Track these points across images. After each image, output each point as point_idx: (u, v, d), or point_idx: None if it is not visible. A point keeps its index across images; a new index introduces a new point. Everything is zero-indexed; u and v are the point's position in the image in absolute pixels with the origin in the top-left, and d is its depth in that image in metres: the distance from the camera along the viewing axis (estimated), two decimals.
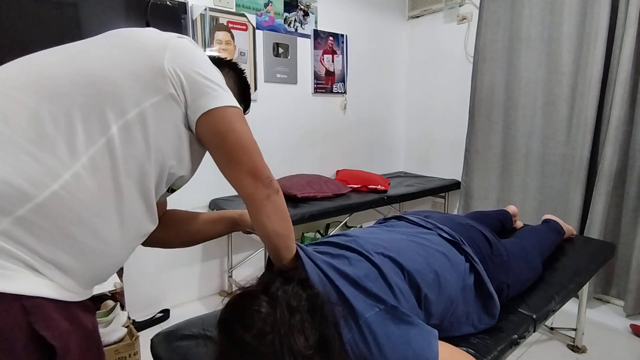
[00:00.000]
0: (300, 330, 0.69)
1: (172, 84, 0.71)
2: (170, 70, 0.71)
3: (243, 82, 0.96)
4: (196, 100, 0.73)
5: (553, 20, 2.31)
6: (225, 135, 0.75)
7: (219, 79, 0.76)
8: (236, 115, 0.76)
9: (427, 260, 0.97)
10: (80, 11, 1.79)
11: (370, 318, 0.77)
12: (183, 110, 0.74)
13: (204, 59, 0.77)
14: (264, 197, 0.77)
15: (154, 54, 0.71)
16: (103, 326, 1.65)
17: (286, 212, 0.82)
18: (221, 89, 0.75)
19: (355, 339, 0.76)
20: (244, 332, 0.69)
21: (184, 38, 0.77)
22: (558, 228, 1.71)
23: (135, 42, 0.73)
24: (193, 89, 0.72)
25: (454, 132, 3.05)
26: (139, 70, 0.69)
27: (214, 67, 0.78)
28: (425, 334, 0.79)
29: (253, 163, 0.77)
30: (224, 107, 0.74)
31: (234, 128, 0.75)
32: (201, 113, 0.73)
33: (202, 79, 0.73)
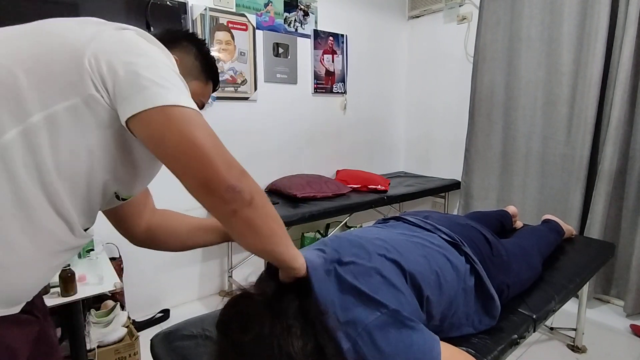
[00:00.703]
0: (299, 336, 0.69)
1: (92, 81, 0.57)
2: (91, 64, 0.57)
3: (205, 55, 0.84)
4: (122, 101, 0.58)
5: (553, 20, 2.31)
6: (160, 141, 0.58)
7: (159, 74, 0.59)
8: (176, 116, 0.58)
9: (428, 261, 0.97)
10: (80, 11, 1.79)
11: (371, 324, 0.76)
12: (110, 111, 0.60)
13: (144, 52, 0.61)
14: (227, 214, 0.62)
15: (74, 47, 0.57)
16: (103, 326, 1.65)
17: (266, 225, 0.66)
18: (157, 86, 0.58)
19: (355, 347, 0.75)
20: (243, 335, 0.69)
21: (127, 29, 0.63)
22: (558, 228, 1.71)
23: (55, 32, 0.60)
24: (118, 86, 0.58)
25: (454, 132, 3.05)
26: (49, 66, 0.57)
27: (160, 62, 0.62)
28: (427, 339, 0.78)
29: (203, 172, 0.58)
30: (158, 107, 0.57)
31: (172, 131, 0.57)
32: (128, 116, 0.57)
33: (130, 74, 0.57)
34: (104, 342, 1.61)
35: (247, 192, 0.61)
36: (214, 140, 0.60)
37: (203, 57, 0.83)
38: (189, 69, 0.81)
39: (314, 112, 2.80)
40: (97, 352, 1.57)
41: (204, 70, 0.84)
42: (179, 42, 0.81)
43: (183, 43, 0.81)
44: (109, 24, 0.63)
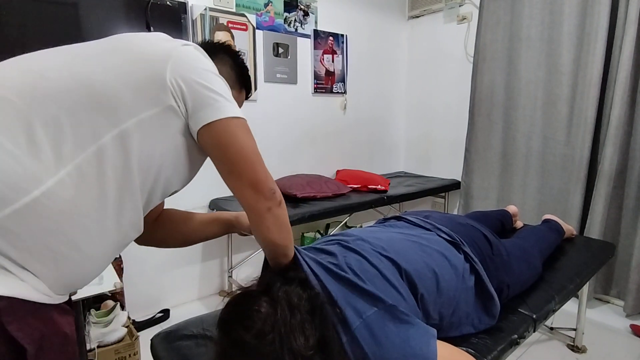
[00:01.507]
0: (301, 331, 0.69)
1: (172, 95, 0.69)
2: (172, 82, 0.69)
3: (240, 66, 0.94)
4: (197, 112, 0.71)
5: (553, 20, 2.31)
6: (226, 148, 0.74)
7: (222, 89, 0.74)
8: (238, 126, 0.74)
9: (425, 260, 0.97)
10: (80, 11, 1.79)
11: (368, 318, 0.77)
12: (184, 121, 0.72)
13: (208, 68, 0.75)
14: (265, 209, 0.76)
15: (156, 64, 0.69)
16: (103, 326, 1.65)
17: (287, 223, 0.81)
18: (224, 99, 0.73)
19: (353, 340, 0.76)
20: (244, 332, 0.69)
21: (189, 46, 0.75)
22: (558, 228, 1.71)
23: (138, 50, 0.71)
24: (194, 100, 0.71)
25: (454, 132, 3.05)
26: (139, 80, 0.68)
27: (218, 77, 0.76)
28: (423, 334, 0.79)
29: (255, 175, 0.75)
30: (225, 118, 0.72)
31: (236, 140, 0.73)
32: (201, 125, 0.71)
33: (204, 89, 0.71)
34: (104, 342, 1.61)
35: (279, 195, 0.78)
36: (257, 149, 0.77)
37: (238, 68, 0.93)
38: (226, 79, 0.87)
39: (314, 112, 2.80)
40: (97, 352, 1.57)
41: (239, 79, 0.93)
42: (217, 53, 0.89)
43: (220, 55, 0.90)
44: (176, 41, 0.75)
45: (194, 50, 0.75)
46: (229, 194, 2.39)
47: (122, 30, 1.90)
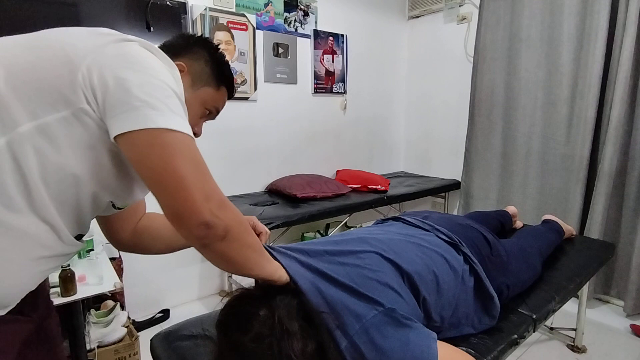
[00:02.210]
0: (298, 337, 0.69)
1: (84, 95, 0.57)
2: (84, 78, 0.56)
3: (217, 60, 0.82)
4: (111, 117, 0.57)
5: (553, 20, 2.31)
6: (140, 165, 0.58)
7: (157, 92, 0.58)
8: (165, 141, 0.57)
9: (425, 262, 0.97)
10: (80, 11, 1.79)
11: (367, 322, 0.76)
12: (102, 126, 0.59)
13: (146, 67, 0.60)
14: (199, 245, 0.62)
15: (71, 60, 0.57)
16: (103, 326, 1.65)
17: (238, 254, 0.67)
18: (146, 107, 0.56)
19: (352, 345, 0.75)
20: (242, 335, 0.69)
21: (130, 42, 0.62)
22: (558, 228, 1.71)
23: (58, 46, 0.59)
24: (108, 103, 0.57)
25: (454, 132, 3.05)
26: (44, 79, 0.56)
27: (159, 80, 0.60)
28: (424, 337, 0.78)
29: (177, 205, 0.58)
30: (147, 130, 0.56)
31: (152, 157, 0.57)
32: (114, 134, 0.57)
33: (123, 91, 0.56)
34: (104, 342, 1.61)
35: (221, 228, 0.61)
36: (196, 170, 0.59)
37: (214, 63, 0.82)
38: (199, 75, 0.80)
39: (314, 112, 2.80)
40: (97, 352, 1.57)
41: (216, 75, 0.82)
42: (190, 47, 0.81)
43: (194, 49, 0.81)
44: (115, 36, 0.62)
45: (135, 46, 0.62)
46: (230, 193, 2.40)
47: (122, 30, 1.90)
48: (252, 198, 2.37)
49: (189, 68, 0.78)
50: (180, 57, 0.78)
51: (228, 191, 2.41)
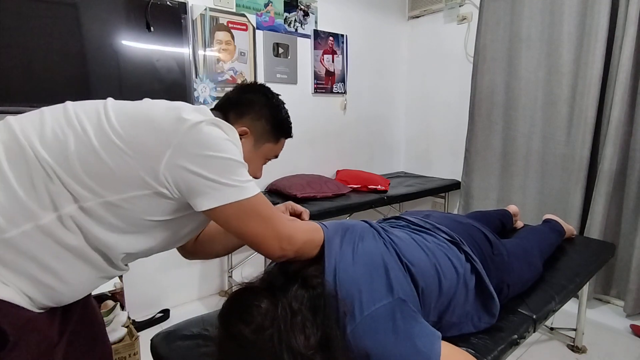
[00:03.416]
0: (301, 330, 0.69)
1: (166, 187, 0.71)
2: (165, 175, 0.70)
3: (276, 116, 0.95)
4: (192, 199, 0.73)
5: (553, 20, 2.31)
6: (231, 230, 0.77)
7: (224, 170, 0.72)
8: (239, 211, 0.74)
9: (429, 258, 0.97)
10: (80, 11, 1.79)
11: (377, 310, 0.77)
12: (178, 201, 0.74)
13: (216, 147, 0.72)
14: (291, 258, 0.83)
15: (153, 154, 0.70)
16: None
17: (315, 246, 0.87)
18: (222, 187, 0.72)
19: (359, 330, 0.75)
20: (243, 326, 0.70)
21: (201, 123, 0.72)
22: (559, 228, 1.71)
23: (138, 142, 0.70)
24: (188, 188, 0.72)
25: (454, 132, 3.05)
26: (131, 168, 0.69)
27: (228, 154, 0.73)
28: (428, 333, 0.79)
29: (260, 250, 0.79)
30: (221, 206, 0.73)
31: (237, 225, 0.76)
32: (199, 210, 0.73)
33: (199, 177, 0.71)
34: None
35: (292, 253, 0.82)
36: (266, 222, 0.77)
37: (275, 119, 0.94)
38: (260, 134, 0.92)
39: (314, 112, 2.80)
40: None
41: (275, 131, 0.95)
42: (252, 106, 0.91)
43: (256, 107, 0.92)
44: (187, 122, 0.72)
45: (204, 129, 0.73)
46: None
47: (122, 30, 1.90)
48: None
49: (252, 129, 0.90)
50: (245, 117, 0.91)
51: None
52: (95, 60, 1.82)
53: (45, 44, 1.69)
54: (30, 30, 1.66)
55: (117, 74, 1.89)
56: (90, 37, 1.81)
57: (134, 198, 0.70)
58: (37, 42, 1.67)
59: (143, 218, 0.73)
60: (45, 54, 1.69)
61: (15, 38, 1.64)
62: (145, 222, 0.74)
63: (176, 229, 0.81)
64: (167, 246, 0.85)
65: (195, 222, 0.84)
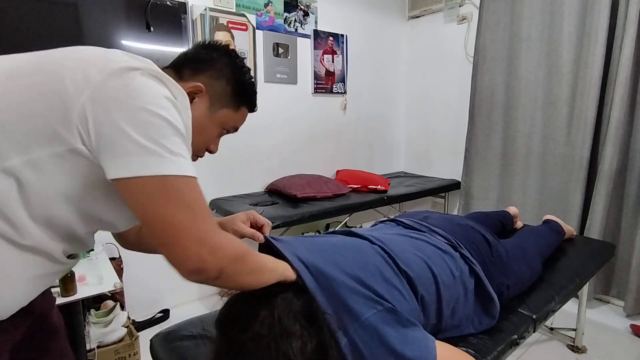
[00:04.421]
0: (298, 337, 0.68)
1: (79, 135, 0.55)
2: (81, 117, 0.55)
3: (239, 78, 0.79)
4: (105, 161, 0.56)
5: (553, 20, 2.31)
6: (135, 209, 0.58)
7: (150, 133, 0.56)
8: (154, 186, 0.56)
9: (425, 261, 0.96)
10: (80, 11, 1.79)
11: (367, 320, 0.76)
12: (96, 163, 0.57)
13: (146, 100, 0.57)
14: (208, 279, 0.62)
15: (68, 92, 0.55)
16: (103, 326, 1.65)
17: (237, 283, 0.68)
18: (143, 151, 0.55)
19: (352, 343, 0.75)
20: (240, 334, 0.69)
21: (137, 70, 0.58)
22: (558, 229, 1.71)
23: (58, 72, 0.57)
24: (102, 145, 0.55)
25: (454, 132, 3.05)
26: (41, 112, 0.55)
27: (160, 111, 0.57)
28: (422, 338, 0.78)
29: (169, 251, 0.59)
30: (138, 177, 0.55)
31: (146, 205, 0.57)
32: (109, 178, 0.56)
33: (119, 134, 0.54)
34: (104, 342, 1.61)
35: (214, 271, 0.61)
36: (190, 216, 0.58)
37: (236, 82, 0.79)
38: (218, 96, 0.77)
39: (314, 112, 2.79)
40: (97, 352, 1.57)
41: (237, 96, 0.79)
42: (213, 63, 0.77)
43: (217, 64, 0.77)
44: (121, 63, 0.58)
45: (136, 77, 0.58)
46: (229, 193, 2.40)
47: (122, 30, 1.90)
48: (252, 198, 2.37)
49: (208, 88, 0.75)
50: (201, 74, 0.75)
51: (228, 191, 2.41)
52: None
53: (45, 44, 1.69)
54: (30, 30, 1.66)
55: None
56: (90, 37, 1.81)
57: (43, 161, 0.56)
58: (37, 42, 1.67)
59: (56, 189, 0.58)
60: None
61: (15, 38, 1.64)
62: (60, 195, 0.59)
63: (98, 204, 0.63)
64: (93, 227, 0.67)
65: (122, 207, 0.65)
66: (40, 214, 0.58)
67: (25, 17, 1.65)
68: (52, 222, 0.60)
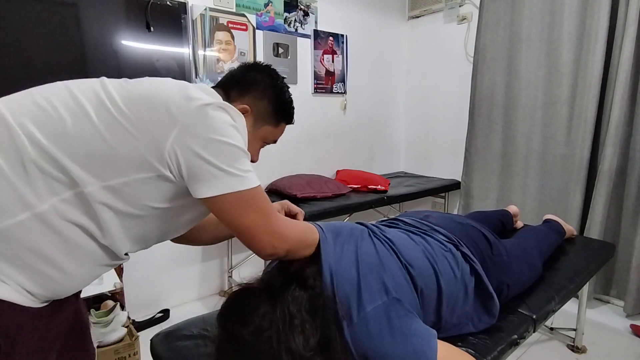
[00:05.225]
0: (300, 331, 0.69)
1: (168, 167, 0.69)
2: (170, 153, 0.68)
3: (279, 98, 0.90)
4: (193, 184, 0.71)
5: (553, 20, 2.31)
6: (225, 221, 0.75)
7: (228, 158, 0.71)
8: (237, 202, 0.72)
9: (426, 257, 0.97)
10: (80, 11, 1.79)
11: (372, 310, 0.77)
12: (179, 185, 0.72)
13: (220, 132, 0.70)
14: (280, 257, 0.81)
15: (159, 133, 0.68)
16: (103, 326, 1.65)
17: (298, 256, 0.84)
18: (224, 175, 0.70)
19: (354, 333, 0.76)
20: (241, 328, 0.69)
21: (208, 107, 0.70)
22: (559, 228, 1.71)
23: (144, 120, 0.68)
24: (192, 173, 0.70)
25: (454, 132, 3.05)
26: (135, 148, 0.67)
27: (231, 141, 0.71)
28: (425, 332, 0.79)
29: (250, 245, 0.77)
30: (221, 195, 0.70)
31: (233, 218, 0.74)
32: (198, 197, 0.72)
33: (204, 164, 0.69)
34: (104, 342, 1.61)
35: (283, 252, 0.80)
36: (261, 216, 0.75)
37: (277, 102, 0.90)
38: (261, 115, 0.89)
39: (314, 112, 2.79)
40: (97, 352, 1.57)
41: (277, 114, 0.91)
42: (256, 85, 0.88)
43: (260, 86, 0.88)
44: (195, 100, 0.70)
45: (209, 113, 0.70)
46: None
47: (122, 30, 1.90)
48: None
49: (253, 108, 0.86)
50: (247, 95, 0.87)
51: None
52: (95, 60, 1.82)
53: (45, 44, 1.69)
54: (30, 30, 1.66)
55: (117, 74, 1.86)
56: (90, 37, 1.81)
57: (136, 181, 0.68)
58: (37, 42, 1.67)
59: (143, 203, 0.71)
60: (45, 53, 1.69)
61: (15, 38, 1.64)
62: (145, 207, 0.72)
63: (175, 216, 0.78)
64: (165, 234, 0.82)
65: (194, 212, 0.81)
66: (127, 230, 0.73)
67: (25, 17, 1.65)
68: (133, 230, 0.74)
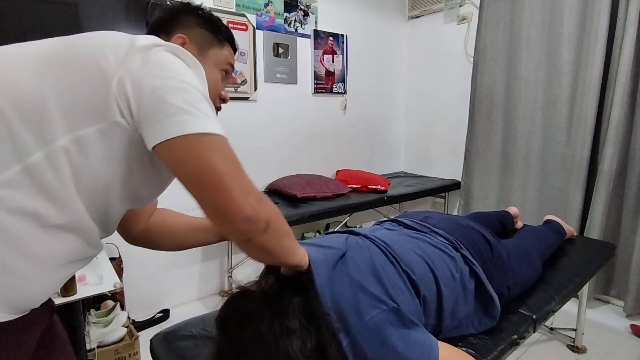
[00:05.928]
0: (298, 335, 0.68)
1: (118, 107, 0.58)
2: (118, 89, 0.58)
3: (206, 19, 0.82)
4: (148, 127, 0.58)
5: (553, 20, 2.31)
6: (179, 168, 0.59)
7: (185, 97, 0.59)
8: (197, 142, 0.58)
9: (426, 262, 0.96)
10: (80, 11, 1.79)
11: (371, 320, 0.76)
12: (135, 137, 0.61)
13: (174, 70, 0.61)
14: (242, 241, 0.63)
15: (104, 72, 0.58)
16: (103, 326, 1.65)
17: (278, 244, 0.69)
18: (181, 113, 0.58)
19: (354, 343, 0.75)
20: (240, 332, 0.69)
21: (159, 47, 0.62)
22: (559, 229, 1.71)
23: (88, 54, 0.59)
24: (143, 113, 0.58)
25: (454, 133, 3.05)
26: (81, 90, 0.58)
27: (188, 79, 0.61)
28: (425, 339, 0.78)
29: (220, 203, 0.59)
30: (181, 136, 0.57)
31: (191, 160, 0.58)
32: (152, 145, 0.58)
33: (157, 100, 0.58)
34: (104, 342, 1.61)
35: (263, 221, 0.62)
36: (233, 167, 0.60)
37: (207, 23, 0.82)
38: (201, 40, 0.81)
39: (314, 112, 2.80)
40: (97, 352, 1.57)
41: (214, 33, 0.83)
42: (178, 18, 0.81)
43: (182, 17, 0.81)
44: (144, 40, 0.63)
45: (162, 52, 0.62)
46: None
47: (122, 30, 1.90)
48: None
49: (189, 37, 0.79)
50: (176, 31, 0.79)
51: None
52: None
53: None
54: (30, 30, 1.66)
55: None
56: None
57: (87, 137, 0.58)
58: None
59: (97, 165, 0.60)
60: None
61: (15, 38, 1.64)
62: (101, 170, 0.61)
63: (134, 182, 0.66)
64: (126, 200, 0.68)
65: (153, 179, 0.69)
66: (86, 190, 0.60)
67: (25, 17, 1.65)
68: (94, 200, 0.62)
